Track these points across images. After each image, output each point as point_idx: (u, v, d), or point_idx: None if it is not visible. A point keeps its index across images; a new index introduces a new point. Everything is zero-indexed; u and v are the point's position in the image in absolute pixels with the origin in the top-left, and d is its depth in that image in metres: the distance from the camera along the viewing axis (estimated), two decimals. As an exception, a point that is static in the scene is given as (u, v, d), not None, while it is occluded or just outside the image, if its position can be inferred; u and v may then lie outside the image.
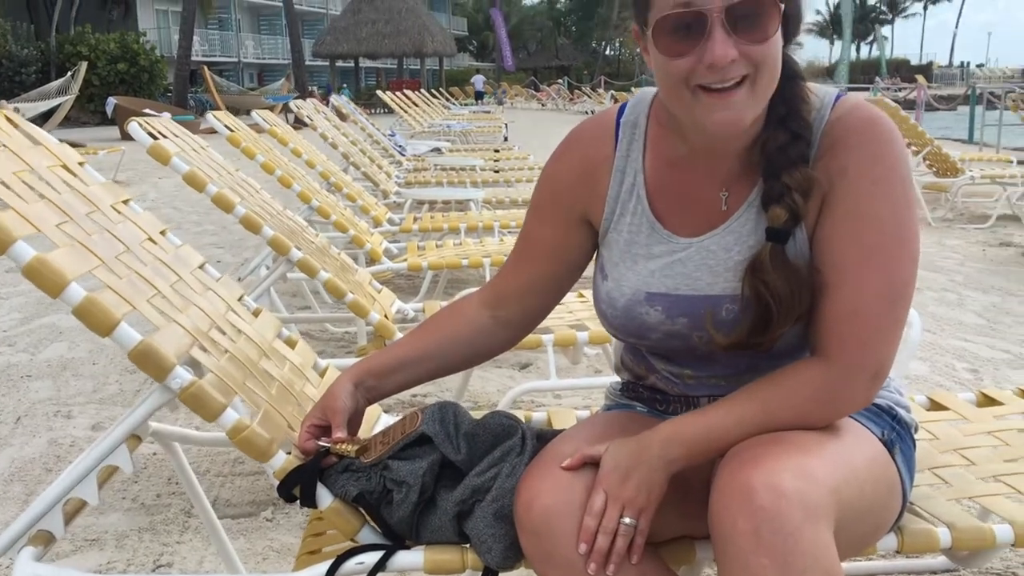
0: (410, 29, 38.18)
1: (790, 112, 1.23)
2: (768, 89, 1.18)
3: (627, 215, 1.35)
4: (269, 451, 1.37)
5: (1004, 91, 12.58)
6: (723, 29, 1.12)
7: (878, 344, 1.20)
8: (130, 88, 25.57)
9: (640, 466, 1.18)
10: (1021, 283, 5.29)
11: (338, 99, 9.77)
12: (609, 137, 1.38)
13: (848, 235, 1.20)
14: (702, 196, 1.30)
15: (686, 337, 1.30)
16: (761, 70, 1.15)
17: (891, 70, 52.81)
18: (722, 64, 1.12)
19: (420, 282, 4.68)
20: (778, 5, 1.15)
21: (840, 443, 1.21)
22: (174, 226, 7.74)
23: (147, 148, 2.71)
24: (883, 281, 1.19)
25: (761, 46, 1.14)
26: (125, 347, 1.31)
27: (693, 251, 1.29)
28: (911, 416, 1.41)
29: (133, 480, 2.73)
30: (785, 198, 1.21)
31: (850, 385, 1.20)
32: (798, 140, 1.22)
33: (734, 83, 1.15)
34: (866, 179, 1.20)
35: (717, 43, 1.12)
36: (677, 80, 1.17)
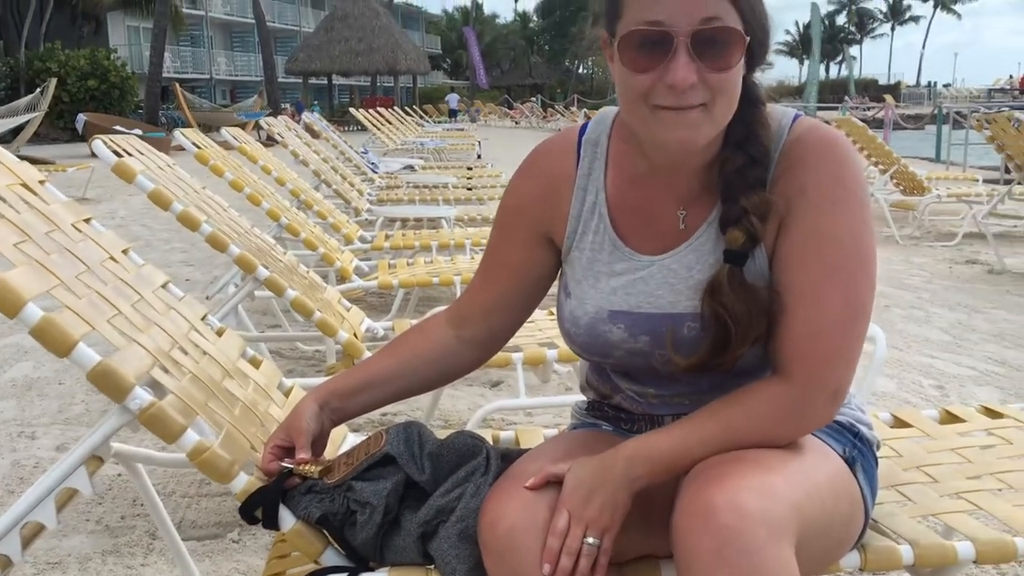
0: (383, 47, 38.19)
1: (749, 136, 1.24)
2: (724, 115, 1.20)
3: (589, 233, 1.35)
4: (230, 473, 1.35)
5: (970, 111, 12.76)
6: (687, 53, 1.13)
7: (837, 363, 1.21)
8: (101, 105, 25.38)
9: (604, 485, 1.18)
10: (986, 300, 5.36)
11: (310, 116, 9.75)
12: (571, 155, 1.38)
13: (808, 255, 1.21)
14: (662, 214, 1.31)
15: (648, 355, 1.30)
16: (718, 98, 1.17)
17: (860, 90, 53.44)
18: (681, 87, 1.14)
19: (392, 300, 4.66)
20: (744, 37, 1.16)
21: (802, 460, 1.21)
22: (143, 243, 7.68)
23: (111, 166, 2.69)
24: (842, 301, 1.20)
25: (722, 74, 1.15)
26: (84, 368, 1.30)
27: (655, 269, 1.30)
28: (873, 433, 1.42)
29: (97, 502, 2.69)
30: (743, 221, 1.22)
31: (811, 404, 1.21)
32: (755, 164, 1.23)
33: (691, 105, 1.16)
34: (825, 200, 1.21)
35: (680, 66, 1.13)
36: (637, 95, 1.18)
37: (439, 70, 69.60)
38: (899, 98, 48.65)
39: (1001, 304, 5.24)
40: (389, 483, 1.31)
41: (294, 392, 1.95)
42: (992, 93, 47.55)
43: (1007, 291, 5.60)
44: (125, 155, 2.79)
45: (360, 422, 3.31)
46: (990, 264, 6.43)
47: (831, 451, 1.29)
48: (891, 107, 21.46)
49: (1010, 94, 45.04)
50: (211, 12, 46.42)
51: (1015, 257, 6.67)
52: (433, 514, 1.28)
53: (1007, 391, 3.67)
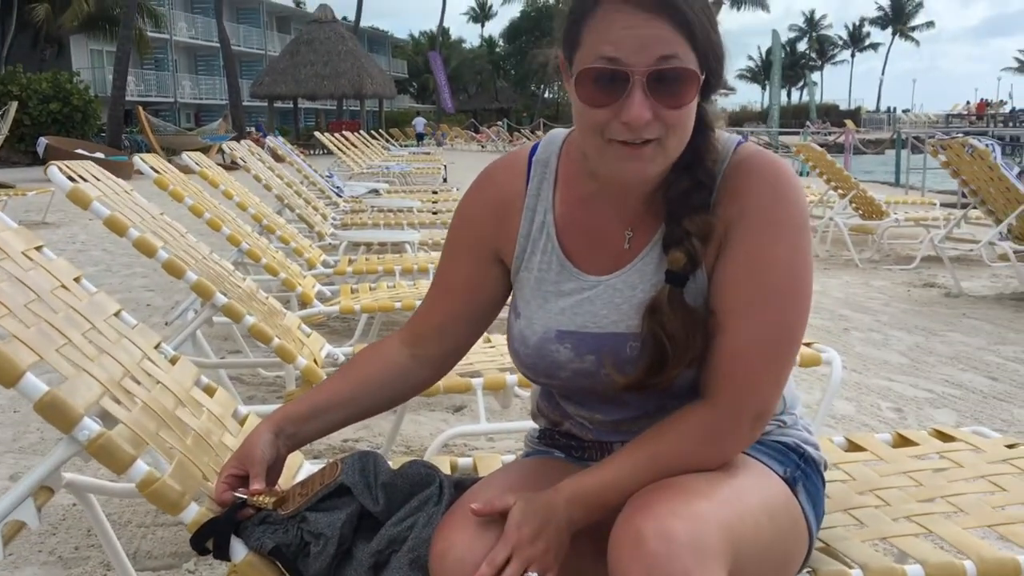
0: (349, 71, 38.15)
1: (696, 160, 1.26)
2: (677, 149, 1.22)
3: (537, 253, 1.37)
4: (181, 503, 1.34)
5: (928, 136, 13.00)
6: (643, 91, 1.15)
7: (760, 386, 1.24)
8: (63, 128, 25.08)
9: (548, 526, 1.19)
10: (944, 323, 5.44)
11: (274, 140, 9.72)
12: (521, 175, 1.40)
13: (741, 278, 1.24)
14: (609, 235, 1.33)
15: (594, 376, 1.31)
16: (672, 133, 1.19)
17: (821, 114, 54.18)
18: (637, 125, 1.16)
19: (355, 325, 4.64)
20: (699, 76, 1.18)
21: (733, 482, 1.23)
22: (104, 268, 7.60)
23: (67, 192, 2.66)
24: (770, 324, 1.23)
25: (677, 111, 1.17)
26: (31, 398, 1.28)
27: (601, 289, 1.32)
28: (819, 454, 1.44)
29: (50, 532, 2.64)
30: (684, 243, 1.24)
31: (733, 427, 1.24)
32: (701, 188, 1.25)
33: (644, 140, 1.18)
34: (762, 224, 1.24)
35: (635, 104, 1.15)
36: (592, 128, 1.20)
37: (405, 94, 69.71)
38: (859, 123, 49.37)
39: (958, 327, 5.32)
40: (343, 514, 1.30)
41: (249, 420, 1.93)
42: (950, 119, 48.48)
43: (963, 314, 5.68)
44: (81, 181, 2.76)
45: (320, 447, 3.29)
46: (947, 287, 6.53)
47: (770, 472, 1.31)
48: (851, 132, 21.78)
49: (967, 119, 45.96)
50: (175, 36, 46.21)
51: (971, 280, 6.78)
52: (385, 544, 1.27)
53: (963, 413, 3.72)
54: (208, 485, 1.47)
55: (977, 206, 6.61)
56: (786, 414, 1.42)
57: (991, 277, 6.96)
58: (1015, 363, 4.50)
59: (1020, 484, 1.75)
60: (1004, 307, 5.90)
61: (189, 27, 48.53)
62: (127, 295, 6.40)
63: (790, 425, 1.41)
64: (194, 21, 48.81)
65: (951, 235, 7.17)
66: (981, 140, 6.34)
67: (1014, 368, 4.40)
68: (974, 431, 2.07)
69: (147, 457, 1.40)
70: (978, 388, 4.07)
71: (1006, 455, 1.90)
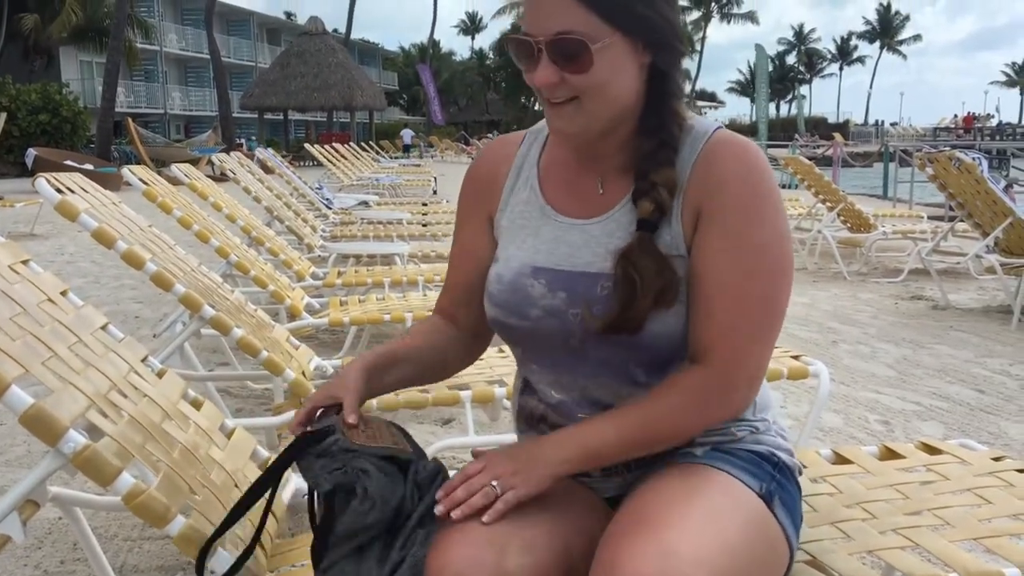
0: (339, 83, 38.17)
1: (660, 124, 1.35)
2: (599, 112, 1.31)
3: (520, 204, 1.47)
4: (167, 516, 1.34)
5: (915, 149, 13.07)
6: (548, 57, 1.27)
7: (755, 346, 1.31)
8: (52, 139, 25.00)
9: (528, 457, 1.27)
10: (931, 336, 5.46)
11: (264, 152, 9.72)
12: (515, 145, 1.53)
13: (729, 258, 1.31)
14: (583, 184, 1.43)
15: (563, 315, 1.36)
16: (586, 95, 1.29)
17: (810, 128, 54.49)
18: (543, 87, 1.29)
19: (344, 337, 4.64)
20: (590, 49, 1.25)
21: (708, 509, 1.23)
22: (92, 280, 7.57)
23: (54, 204, 2.66)
24: (761, 299, 1.31)
25: (580, 76, 1.27)
26: (16, 411, 1.28)
27: (577, 232, 1.40)
28: (794, 460, 1.44)
29: (36, 546, 2.63)
30: (651, 192, 1.33)
31: (728, 388, 1.31)
32: (664, 146, 1.35)
33: (565, 99, 1.30)
34: (744, 203, 1.31)
35: (540, 68, 1.28)
36: (533, 87, 1.32)
37: (396, 106, 69.80)
38: (848, 136, 49.64)
39: (945, 340, 5.35)
40: (396, 499, 1.26)
41: (237, 433, 1.93)
42: (937, 132, 48.78)
43: (950, 327, 5.71)
44: (69, 193, 2.76)
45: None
46: (934, 300, 6.56)
47: (745, 491, 1.31)
48: (839, 145, 21.90)
49: (954, 133, 46.24)
50: (166, 47, 46.23)
51: (958, 293, 6.81)
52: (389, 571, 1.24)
53: (950, 426, 3.73)
54: (194, 498, 1.47)
55: (964, 219, 6.64)
56: (758, 419, 1.43)
57: (978, 290, 7.00)
58: (1002, 376, 4.52)
59: (1006, 497, 1.75)
60: (991, 320, 5.93)
61: (179, 39, 48.53)
62: (115, 307, 6.37)
63: (763, 431, 1.42)
64: (184, 33, 48.83)
65: (938, 248, 7.20)
66: (968, 154, 6.38)
67: (1001, 381, 4.42)
68: (961, 444, 2.08)
69: (133, 470, 1.40)
70: (965, 401, 4.09)
71: (992, 468, 1.91)
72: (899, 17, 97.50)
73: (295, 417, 1.34)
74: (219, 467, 1.69)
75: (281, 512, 1.79)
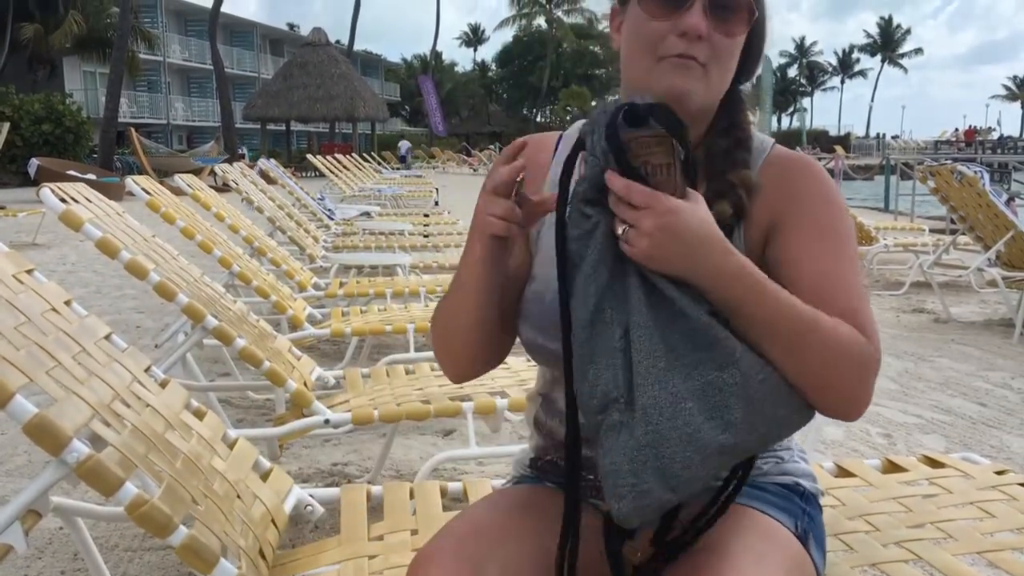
0: (342, 94, 38.27)
1: (733, 123, 1.32)
2: (717, 84, 1.27)
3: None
4: (169, 526, 1.34)
5: (916, 162, 13.09)
6: (703, 8, 1.22)
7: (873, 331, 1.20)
8: (55, 149, 25.06)
9: (689, 239, 1.09)
10: (933, 349, 5.46)
11: (266, 163, 9.74)
12: (549, 149, 1.45)
13: (824, 237, 1.26)
14: None
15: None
16: (717, 61, 1.25)
17: (811, 140, 54.54)
18: (694, 33, 1.22)
19: (346, 348, 4.64)
20: (753, 12, 1.25)
21: (755, 557, 1.18)
22: (94, 290, 7.58)
23: (58, 214, 2.66)
24: (857, 280, 1.26)
25: (728, 39, 1.24)
26: (19, 420, 1.28)
27: None
28: (816, 485, 1.42)
29: (37, 556, 2.62)
30: (730, 194, 1.26)
31: (876, 362, 1.18)
32: (740, 145, 1.31)
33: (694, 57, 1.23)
34: (822, 205, 1.29)
35: (695, 14, 1.22)
36: (647, 44, 1.25)
37: (398, 117, 69.97)
38: (849, 149, 49.72)
39: (947, 353, 5.34)
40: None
41: (239, 444, 1.93)
42: (939, 145, 48.80)
43: (952, 340, 5.71)
44: (73, 202, 2.77)
45: (310, 472, 3.28)
46: (936, 313, 6.56)
47: (783, 531, 1.27)
48: (841, 158, 21.95)
49: (956, 146, 46.26)
50: (169, 58, 46.37)
51: (960, 306, 6.81)
52: None
53: (952, 439, 3.73)
54: (197, 508, 1.47)
55: (966, 232, 6.65)
56: (783, 449, 1.39)
57: (980, 303, 7.00)
58: (1004, 389, 4.51)
59: (1009, 511, 1.75)
60: (993, 333, 5.93)
61: (183, 49, 48.69)
62: (117, 317, 6.38)
63: (787, 460, 1.38)
64: (188, 43, 48.99)
65: (940, 261, 7.20)
66: (970, 167, 6.39)
67: (1003, 394, 4.42)
68: (963, 457, 2.08)
69: (136, 480, 1.39)
70: (967, 414, 4.09)
71: (995, 482, 1.91)
72: (900, 30, 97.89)
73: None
74: (221, 477, 1.69)
75: (283, 522, 1.79)
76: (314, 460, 3.43)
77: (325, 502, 1.95)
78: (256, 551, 1.57)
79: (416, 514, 1.77)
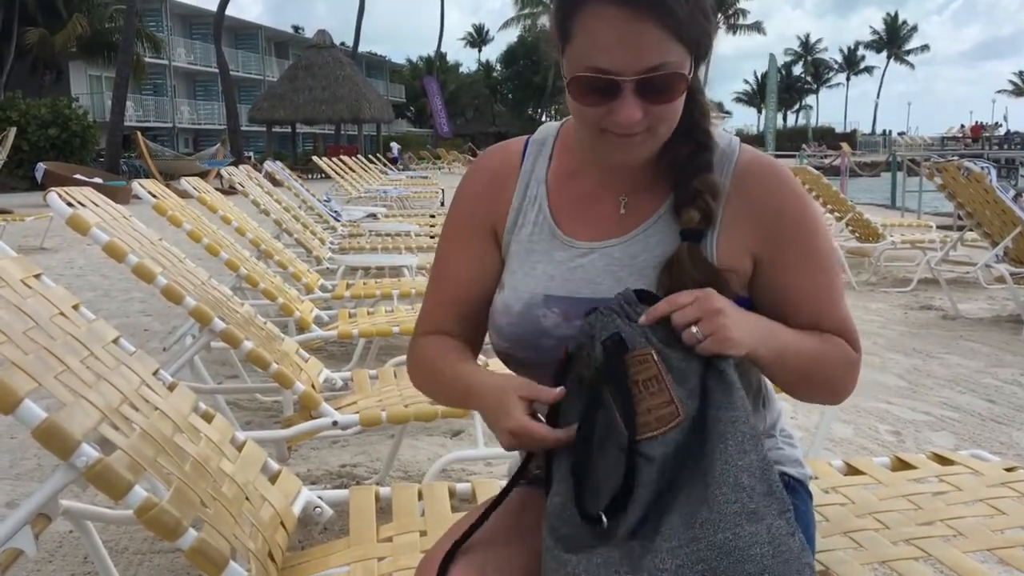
0: (347, 96, 38.28)
1: (692, 126, 1.29)
2: (666, 134, 1.25)
3: (527, 225, 1.37)
4: (178, 529, 1.34)
5: (923, 159, 13.04)
6: (633, 94, 1.18)
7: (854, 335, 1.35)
8: (61, 153, 25.11)
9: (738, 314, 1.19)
10: (941, 346, 5.44)
11: (272, 165, 9.75)
12: (516, 154, 1.43)
13: (809, 268, 1.31)
14: (602, 202, 1.35)
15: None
16: (662, 123, 1.23)
17: (817, 137, 54.50)
18: (628, 125, 1.19)
19: (353, 349, 4.64)
20: (686, 77, 1.20)
21: None
22: (101, 293, 7.60)
23: (66, 218, 2.67)
24: (841, 296, 1.35)
25: (664, 107, 1.21)
26: (28, 425, 1.28)
27: (596, 257, 1.32)
28: (803, 471, 1.43)
29: (47, 560, 2.63)
30: (697, 200, 1.26)
31: (859, 360, 1.35)
32: (703, 149, 1.29)
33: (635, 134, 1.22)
34: (799, 221, 1.31)
35: (626, 106, 1.18)
36: (588, 122, 1.24)
37: (403, 118, 69.99)
38: (855, 146, 49.56)
39: (955, 350, 5.33)
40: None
41: (248, 446, 1.93)
42: (945, 141, 48.59)
43: (960, 336, 5.69)
44: (80, 207, 2.77)
45: (318, 473, 3.28)
46: (944, 310, 6.54)
47: None
48: (847, 155, 21.91)
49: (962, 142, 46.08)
50: (174, 61, 46.47)
51: (968, 303, 6.79)
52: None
53: (961, 436, 3.72)
54: (206, 511, 1.47)
55: (973, 228, 6.63)
56: (765, 436, 1.40)
57: (988, 299, 6.97)
58: (1013, 386, 4.50)
59: (1019, 508, 1.75)
60: (1001, 329, 5.91)
61: (188, 52, 48.79)
62: (124, 320, 6.39)
63: (769, 448, 1.37)
64: (193, 47, 49.09)
65: (947, 257, 7.18)
66: (976, 163, 6.37)
67: (1012, 391, 4.40)
68: (973, 454, 2.07)
69: (145, 483, 1.40)
70: (976, 411, 4.07)
71: (1005, 478, 1.90)
72: (906, 27, 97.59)
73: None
74: (230, 480, 1.69)
75: (291, 524, 1.79)
76: (322, 462, 3.43)
77: (334, 504, 1.95)
78: (265, 553, 1.58)
79: (425, 515, 1.77)
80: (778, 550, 1.06)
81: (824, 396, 1.37)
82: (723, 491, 1.07)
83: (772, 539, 1.06)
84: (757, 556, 1.04)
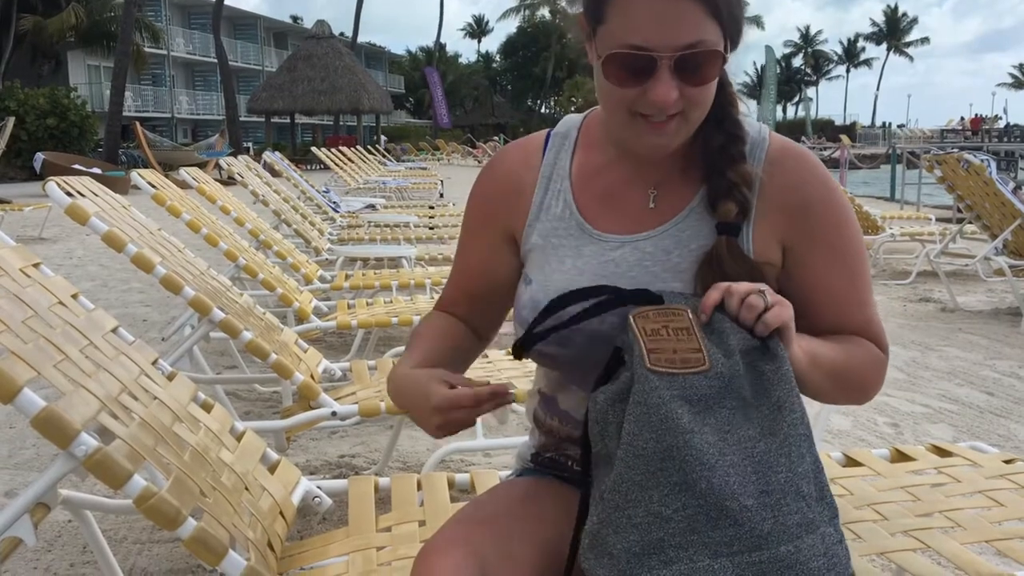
0: (346, 86, 38.20)
1: (723, 115, 1.27)
2: (699, 119, 1.23)
3: (552, 220, 1.35)
4: (178, 519, 1.34)
5: (923, 151, 13.03)
6: (669, 73, 1.16)
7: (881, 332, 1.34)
8: (60, 143, 25.07)
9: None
10: (940, 338, 5.44)
11: (271, 156, 9.74)
12: (537, 151, 1.41)
13: (837, 258, 1.29)
14: (630, 196, 1.32)
15: (610, 341, 1.19)
16: (695, 107, 1.20)
17: (817, 130, 54.46)
18: (664, 105, 1.17)
19: (352, 340, 4.64)
20: (723, 55, 1.19)
21: None
22: (100, 283, 7.59)
23: (65, 208, 2.66)
24: (868, 289, 1.33)
25: (699, 88, 1.19)
26: (27, 414, 1.28)
27: (627, 251, 1.29)
28: None
29: (46, 549, 2.63)
30: (733, 192, 1.24)
31: (886, 361, 1.33)
32: (735, 139, 1.27)
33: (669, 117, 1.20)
34: (831, 217, 1.29)
35: (662, 85, 1.16)
36: (619, 104, 1.21)
37: (402, 109, 69.88)
38: (855, 138, 49.60)
39: (954, 342, 5.33)
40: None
41: (247, 436, 1.93)
42: (945, 134, 48.68)
43: (959, 329, 5.69)
44: (79, 196, 2.77)
45: (317, 463, 3.28)
46: (943, 302, 6.54)
47: None
48: (846, 147, 21.85)
49: (962, 135, 46.14)
50: (173, 51, 46.36)
51: (967, 295, 6.80)
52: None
53: (959, 428, 3.72)
54: (205, 500, 1.47)
55: (972, 221, 6.63)
56: None
57: (987, 292, 6.98)
58: (1011, 378, 4.50)
59: (1018, 499, 1.75)
60: (1000, 322, 5.91)
61: (187, 43, 48.67)
62: (123, 310, 6.39)
63: None
64: (191, 37, 48.97)
65: (947, 250, 7.18)
66: (976, 155, 6.36)
67: (1010, 383, 4.41)
68: (971, 446, 2.07)
69: (144, 473, 1.40)
70: (975, 403, 4.08)
71: (1003, 470, 1.90)
72: (906, 19, 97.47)
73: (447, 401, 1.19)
74: (229, 470, 1.69)
75: (291, 514, 1.79)
76: (321, 452, 3.44)
77: (333, 494, 1.95)
78: (265, 543, 1.58)
79: (424, 505, 1.77)
80: (831, 561, 1.03)
81: (854, 399, 1.33)
82: (786, 501, 1.04)
83: (826, 550, 1.04)
84: (815, 569, 1.02)
